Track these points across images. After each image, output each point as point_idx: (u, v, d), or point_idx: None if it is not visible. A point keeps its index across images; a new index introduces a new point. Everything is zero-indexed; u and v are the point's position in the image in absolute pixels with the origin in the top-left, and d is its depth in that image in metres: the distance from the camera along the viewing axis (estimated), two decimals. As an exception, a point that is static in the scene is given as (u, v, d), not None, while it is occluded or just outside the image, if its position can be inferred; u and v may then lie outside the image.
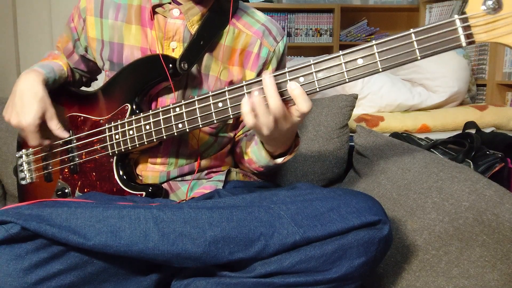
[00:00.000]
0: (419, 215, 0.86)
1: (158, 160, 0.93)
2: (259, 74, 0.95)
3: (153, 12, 0.90)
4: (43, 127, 0.90)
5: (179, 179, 0.95)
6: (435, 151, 1.33)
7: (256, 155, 0.90)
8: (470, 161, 1.22)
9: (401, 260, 0.85)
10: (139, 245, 0.62)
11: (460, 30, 0.63)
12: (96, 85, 1.09)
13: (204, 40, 0.89)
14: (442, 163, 0.94)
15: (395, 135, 1.62)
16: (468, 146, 1.26)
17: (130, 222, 0.64)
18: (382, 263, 0.87)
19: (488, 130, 1.76)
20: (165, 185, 0.94)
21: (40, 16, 2.96)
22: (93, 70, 1.07)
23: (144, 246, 0.63)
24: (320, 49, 3.72)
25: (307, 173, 1.32)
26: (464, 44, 0.63)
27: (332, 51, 3.62)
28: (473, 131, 1.62)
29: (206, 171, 0.98)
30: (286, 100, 0.71)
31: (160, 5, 0.90)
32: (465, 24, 0.62)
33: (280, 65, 0.99)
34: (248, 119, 0.70)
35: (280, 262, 0.66)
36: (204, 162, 0.96)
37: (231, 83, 0.94)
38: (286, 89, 0.71)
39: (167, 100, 0.92)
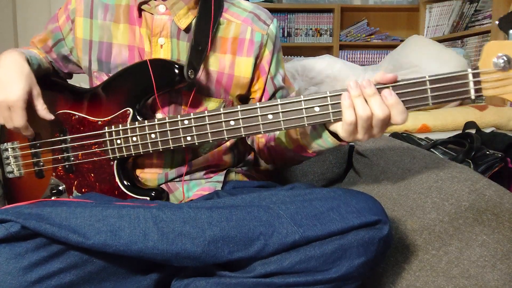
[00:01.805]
0: (419, 215, 0.86)
1: (155, 161, 0.93)
2: (257, 58, 0.95)
3: (140, 9, 0.91)
4: (30, 112, 0.87)
5: (178, 179, 0.95)
6: (435, 151, 1.33)
7: (316, 141, 0.83)
8: (470, 161, 1.22)
9: (401, 260, 0.85)
10: (139, 244, 0.62)
11: (471, 84, 0.66)
12: (86, 83, 1.07)
13: (202, 45, 0.89)
14: (442, 163, 0.94)
15: (395, 135, 1.62)
16: (468, 146, 1.26)
17: (130, 222, 0.64)
18: (382, 263, 0.87)
19: (488, 130, 1.76)
20: (163, 186, 0.94)
21: (40, 16, 2.96)
22: (70, 71, 1.06)
23: (144, 246, 0.62)
24: (320, 49, 3.72)
25: (307, 173, 1.32)
26: (472, 97, 0.67)
27: (332, 51, 3.63)
28: (473, 131, 1.62)
29: (204, 171, 0.97)
30: None
31: (145, 2, 0.90)
32: (476, 79, 0.66)
33: (276, 47, 0.99)
34: (348, 115, 0.70)
35: (280, 262, 0.66)
36: (200, 160, 0.96)
37: (221, 73, 0.93)
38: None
39: (164, 101, 0.90)
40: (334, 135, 0.78)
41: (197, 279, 0.70)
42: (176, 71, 0.84)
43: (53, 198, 0.95)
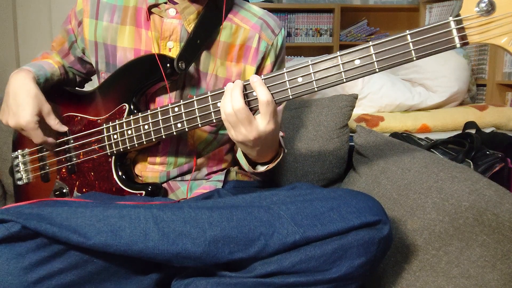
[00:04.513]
0: (419, 215, 0.86)
1: (157, 159, 0.93)
2: (258, 68, 0.95)
3: (149, 12, 0.90)
4: (42, 125, 0.90)
5: (179, 178, 0.95)
6: (435, 151, 1.33)
7: (240, 160, 0.90)
8: (470, 161, 1.22)
9: (401, 260, 0.85)
10: (139, 244, 0.62)
11: (455, 32, 0.65)
12: (90, 85, 1.09)
13: (201, 39, 0.89)
14: (442, 163, 0.94)
15: (395, 135, 1.62)
16: (468, 146, 1.26)
17: (130, 222, 0.64)
18: (382, 263, 0.87)
19: (488, 130, 1.76)
20: (164, 185, 0.94)
21: (40, 16, 2.96)
22: (89, 72, 1.07)
23: (144, 246, 0.63)
24: (320, 49, 3.72)
25: (307, 173, 1.32)
26: (458, 45, 0.65)
27: (332, 51, 3.62)
28: (473, 131, 1.62)
29: (206, 172, 0.98)
30: (253, 109, 0.75)
31: (156, 5, 0.90)
32: (459, 26, 0.64)
33: (278, 58, 0.99)
34: (222, 113, 0.75)
35: (280, 262, 0.66)
36: (202, 160, 0.96)
37: (229, 80, 0.94)
38: (254, 98, 0.74)
39: (164, 99, 0.91)
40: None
41: (198, 279, 0.70)
42: (168, 64, 0.85)
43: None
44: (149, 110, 0.85)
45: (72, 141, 0.94)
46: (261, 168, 0.87)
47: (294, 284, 0.66)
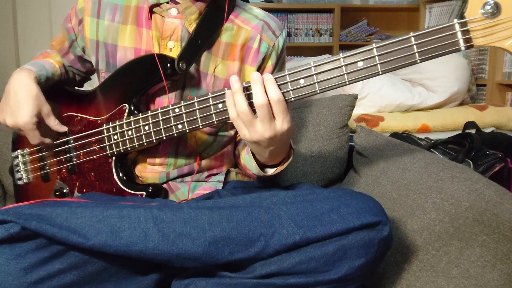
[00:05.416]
0: (419, 215, 0.86)
1: (157, 160, 0.93)
2: (259, 69, 0.95)
3: (151, 12, 0.90)
4: (40, 126, 0.90)
5: (179, 180, 0.95)
6: (435, 151, 1.33)
7: (247, 163, 0.89)
8: (470, 161, 1.22)
9: (401, 260, 0.85)
10: (139, 245, 0.62)
11: (459, 34, 0.64)
12: (89, 85, 1.09)
13: (202, 39, 0.89)
14: (442, 163, 0.94)
15: (395, 135, 1.62)
16: (468, 146, 1.26)
17: (130, 222, 0.64)
18: (382, 263, 0.87)
19: (488, 130, 1.76)
20: (164, 186, 0.94)
21: (40, 16, 2.96)
22: (89, 71, 1.06)
23: (144, 246, 0.62)
24: (320, 49, 3.72)
25: (307, 173, 1.32)
26: (463, 48, 0.64)
27: (332, 51, 3.62)
28: (473, 131, 1.62)
29: (206, 174, 0.98)
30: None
31: (157, 4, 0.90)
32: (464, 28, 0.64)
33: (279, 60, 0.99)
34: (231, 112, 0.72)
35: (280, 262, 0.66)
36: (204, 162, 0.96)
37: (229, 81, 0.94)
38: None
39: (164, 100, 0.91)
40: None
41: (197, 279, 0.70)
42: (168, 64, 0.85)
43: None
44: (149, 111, 0.85)
45: (72, 141, 0.94)
46: (270, 171, 0.86)
47: (294, 285, 0.65)
